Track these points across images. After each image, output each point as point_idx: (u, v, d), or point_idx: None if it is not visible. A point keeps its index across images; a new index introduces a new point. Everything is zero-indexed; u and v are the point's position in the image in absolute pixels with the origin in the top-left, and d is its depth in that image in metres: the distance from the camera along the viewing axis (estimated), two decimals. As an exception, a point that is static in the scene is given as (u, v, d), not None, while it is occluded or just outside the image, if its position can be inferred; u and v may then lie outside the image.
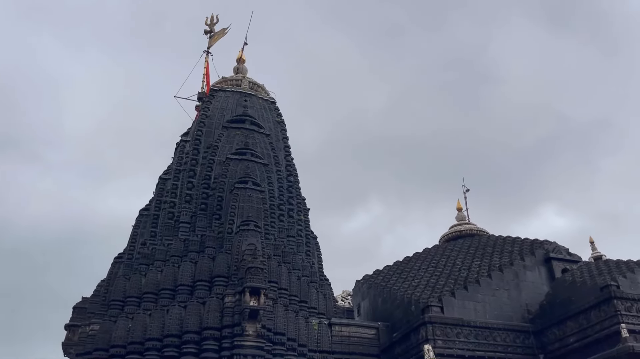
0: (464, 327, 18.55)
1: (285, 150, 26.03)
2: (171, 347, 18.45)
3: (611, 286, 17.15)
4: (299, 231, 23.57)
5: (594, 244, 22.76)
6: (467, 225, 28.78)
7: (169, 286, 20.22)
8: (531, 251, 22.41)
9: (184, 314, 18.95)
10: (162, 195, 23.63)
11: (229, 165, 23.22)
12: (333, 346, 20.25)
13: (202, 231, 21.75)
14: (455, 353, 17.89)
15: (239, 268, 19.46)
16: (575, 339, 17.63)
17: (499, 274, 20.97)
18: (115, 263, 22.90)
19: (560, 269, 21.83)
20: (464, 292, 19.98)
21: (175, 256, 21.11)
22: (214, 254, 20.65)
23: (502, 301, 20.33)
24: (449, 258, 24.11)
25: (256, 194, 22.13)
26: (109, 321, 19.78)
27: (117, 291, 20.84)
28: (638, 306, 16.89)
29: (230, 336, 17.97)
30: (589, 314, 17.47)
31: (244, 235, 20.54)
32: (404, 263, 25.77)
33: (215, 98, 26.68)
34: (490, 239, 25.91)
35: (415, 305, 20.09)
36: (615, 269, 19.15)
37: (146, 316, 19.48)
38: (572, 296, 18.77)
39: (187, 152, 24.62)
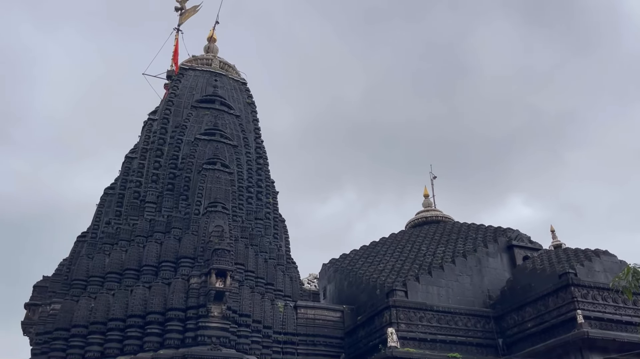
0: (427, 311, 18.92)
1: (256, 132, 25.83)
2: (135, 328, 18.30)
3: (569, 273, 17.70)
4: (267, 214, 23.53)
5: (554, 233, 23.37)
6: (433, 211, 29.20)
7: (133, 267, 19.99)
8: (494, 239, 22.92)
9: (148, 295, 18.78)
10: (128, 174, 23.22)
11: (197, 146, 22.93)
12: (298, 328, 20.41)
13: (169, 211, 21.51)
14: (417, 336, 18.25)
15: (205, 249, 19.35)
16: (533, 325, 18.18)
17: (463, 260, 21.41)
18: (79, 242, 22.48)
19: (521, 256, 22.41)
20: (428, 277, 20.34)
21: (140, 236, 20.84)
22: (180, 235, 20.47)
23: (465, 287, 20.79)
24: (415, 244, 24.47)
25: (224, 176, 21.95)
26: (71, 301, 19.47)
27: (80, 270, 20.50)
28: (594, 294, 17.49)
29: (195, 318, 17.92)
30: (547, 301, 18.02)
31: (211, 216, 20.40)
32: (370, 248, 26.04)
33: (184, 77, 26.23)
34: (455, 226, 26.37)
35: (380, 289, 20.36)
36: (573, 257, 19.75)
37: (109, 296, 19.24)
38: (532, 282, 19.30)
39: (155, 131, 24.20)
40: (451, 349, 18.26)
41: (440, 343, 18.39)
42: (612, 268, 19.04)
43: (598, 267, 19.10)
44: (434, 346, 18.22)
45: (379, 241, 26.62)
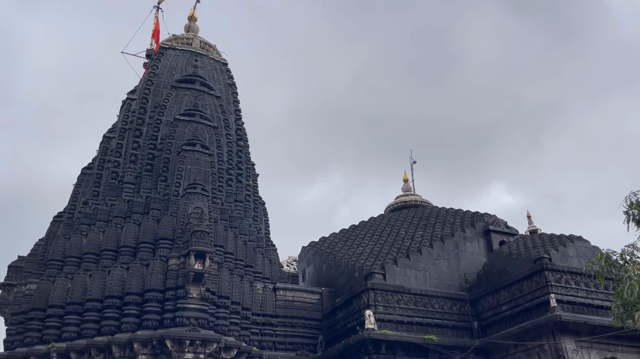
0: (404, 294, 19.15)
1: (236, 113, 25.63)
2: (112, 308, 18.21)
3: (544, 258, 18.03)
4: (247, 196, 23.47)
5: (530, 218, 23.75)
6: (412, 196, 29.42)
7: (111, 247, 19.82)
8: (472, 223, 23.21)
9: (126, 276, 18.68)
10: (106, 154, 22.92)
11: (177, 126, 22.68)
12: (277, 310, 20.53)
13: (147, 192, 21.31)
14: (394, 318, 18.49)
15: (184, 231, 19.26)
16: (508, 308, 18.53)
17: (440, 244, 21.66)
18: (55, 222, 22.19)
19: (498, 241, 22.76)
20: (406, 260, 20.56)
21: (118, 217, 20.64)
22: (159, 216, 20.33)
23: (442, 270, 21.07)
24: (394, 228, 24.66)
25: (204, 157, 21.79)
26: (47, 281, 19.28)
27: (57, 250, 20.27)
28: (567, 278, 17.86)
29: (174, 299, 17.89)
30: (521, 285, 18.36)
31: (190, 198, 20.28)
32: (349, 231, 26.18)
33: (164, 56, 25.83)
34: (433, 210, 26.62)
35: (359, 272, 20.53)
36: (548, 242, 20.12)
37: (86, 277, 19.09)
38: (508, 267, 19.64)
39: (134, 110, 23.86)
40: (427, 331, 18.55)
41: (417, 325, 18.65)
42: (586, 254, 19.46)
43: (572, 252, 19.50)
44: (410, 329, 18.48)
45: (359, 224, 26.77)
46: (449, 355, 18.23)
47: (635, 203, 7.63)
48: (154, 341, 16.95)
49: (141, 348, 17.04)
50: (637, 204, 7.62)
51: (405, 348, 17.88)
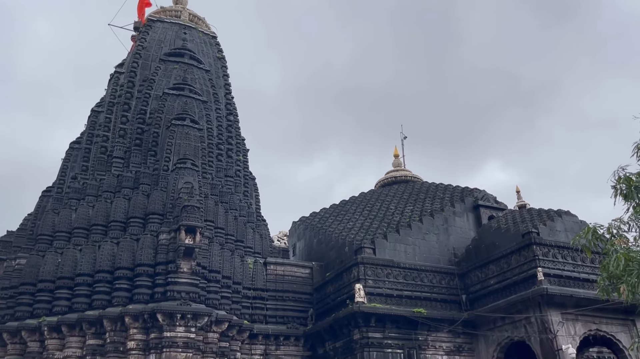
0: (393, 268, 19.33)
1: (226, 87, 25.37)
2: (103, 283, 18.24)
3: (532, 233, 18.21)
4: (238, 171, 23.39)
5: (519, 193, 23.88)
6: (402, 171, 29.50)
7: (101, 222, 19.76)
8: (461, 199, 23.35)
9: (117, 251, 18.67)
10: (94, 129, 22.67)
11: (165, 100, 22.45)
12: (268, 284, 20.68)
13: (137, 167, 21.18)
14: (384, 292, 18.69)
15: (174, 206, 19.22)
16: (496, 281, 18.78)
17: (430, 219, 21.80)
18: (44, 196, 22.05)
19: (487, 216, 22.94)
20: (396, 235, 20.70)
21: (107, 191, 20.54)
22: (149, 191, 20.24)
23: (431, 245, 21.25)
24: (384, 203, 24.76)
25: (194, 131, 21.62)
26: (37, 256, 19.23)
27: (46, 225, 20.18)
28: (554, 252, 18.09)
29: (164, 273, 17.93)
30: (509, 259, 18.58)
31: (180, 173, 20.19)
32: (340, 206, 26.26)
33: (152, 29, 25.41)
34: (423, 185, 26.73)
35: (349, 246, 20.67)
36: (537, 217, 20.31)
37: (76, 252, 19.06)
38: (496, 241, 19.84)
39: (122, 84, 23.55)
40: (416, 304, 18.78)
41: (406, 299, 18.88)
42: (573, 228, 19.68)
43: (560, 227, 19.71)
44: (399, 302, 18.70)
45: (349, 200, 26.85)
46: (438, 328, 18.52)
47: (623, 177, 7.68)
48: (145, 315, 17.04)
49: (132, 322, 17.13)
50: (625, 179, 7.68)
51: (395, 321, 18.12)
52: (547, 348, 16.46)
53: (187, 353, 16.74)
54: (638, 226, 7.89)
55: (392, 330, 18.08)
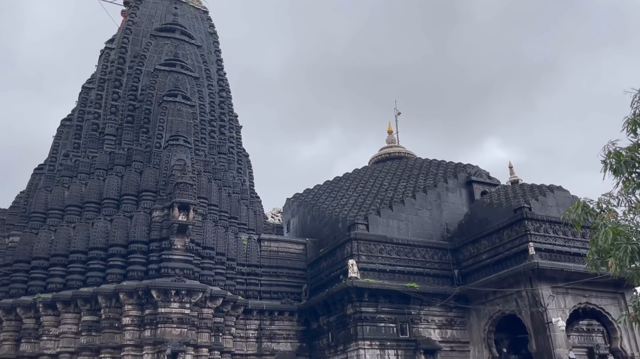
0: (386, 244, 19.45)
1: (218, 63, 25.13)
2: (97, 260, 18.29)
3: (524, 208, 18.32)
4: (231, 148, 23.32)
5: (512, 169, 23.94)
6: (396, 147, 29.47)
7: (94, 200, 19.74)
8: (454, 174, 23.40)
9: (110, 228, 18.69)
10: (85, 105, 22.48)
11: (157, 77, 22.23)
12: (262, 260, 20.80)
13: (129, 144, 21.07)
14: (377, 267, 18.84)
15: (167, 183, 19.20)
16: (487, 256, 18.95)
17: (423, 195, 21.88)
18: (36, 174, 21.95)
19: (480, 191, 23.03)
20: (389, 211, 20.78)
21: (100, 169, 20.47)
22: (142, 168, 20.18)
23: (424, 221, 21.37)
24: (377, 179, 24.80)
25: (186, 108, 21.48)
26: (30, 233, 19.24)
27: (38, 203, 20.14)
28: (545, 227, 18.22)
29: (158, 250, 17.99)
30: (501, 234, 18.72)
31: (172, 150, 20.11)
32: (333, 183, 26.29)
33: (142, 3, 25.01)
34: (417, 161, 26.75)
35: (342, 223, 20.75)
36: (529, 192, 20.41)
37: (70, 229, 19.07)
38: (489, 216, 19.95)
39: (113, 60, 23.28)
40: (409, 279, 18.95)
41: (399, 274, 19.04)
42: (565, 203, 19.79)
43: (551, 202, 19.83)
44: (392, 277, 18.87)
45: (343, 176, 26.86)
46: (430, 302, 18.73)
47: (613, 152, 7.68)
48: (139, 292, 17.14)
49: (127, 298, 17.24)
50: (614, 153, 7.68)
51: (388, 296, 18.30)
52: (537, 321, 16.70)
53: (182, 329, 16.91)
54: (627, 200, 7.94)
55: (385, 305, 18.28)
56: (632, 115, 7.60)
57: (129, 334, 17.04)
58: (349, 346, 17.91)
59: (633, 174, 7.74)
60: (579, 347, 21.69)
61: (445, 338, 18.78)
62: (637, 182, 7.65)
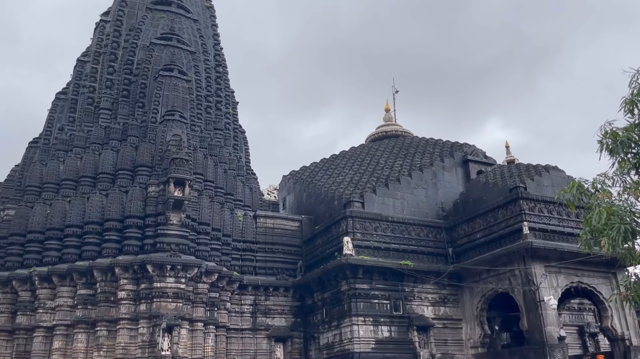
0: (382, 221, 19.53)
1: (215, 38, 24.85)
2: (92, 234, 18.32)
3: (519, 187, 18.36)
4: (227, 124, 23.21)
5: (509, 148, 23.88)
6: (393, 125, 29.36)
7: (89, 174, 19.69)
8: (451, 153, 23.39)
9: (106, 203, 18.68)
10: (80, 79, 22.27)
11: (153, 51, 21.98)
12: (257, 236, 20.87)
13: (124, 119, 20.94)
14: (372, 245, 18.94)
15: (163, 158, 19.13)
16: (482, 235, 19.05)
17: (419, 173, 21.89)
18: (30, 147, 21.84)
19: (476, 171, 23.05)
20: (385, 189, 20.81)
21: (95, 143, 20.37)
22: (137, 143, 20.09)
23: (420, 199, 21.41)
24: (374, 157, 24.77)
25: (182, 83, 21.31)
26: (25, 207, 19.22)
27: (34, 176, 20.08)
28: (540, 207, 18.31)
29: (154, 225, 18.02)
30: (496, 213, 18.80)
31: (168, 125, 20.00)
32: (330, 161, 26.25)
33: (138, -25, 24.57)
34: (414, 140, 26.69)
35: (338, 200, 20.79)
36: (524, 172, 20.44)
37: (65, 203, 19.05)
38: (484, 195, 20.01)
39: (108, 33, 22.98)
40: (403, 257, 19.08)
41: (393, 251, 19.16)
42: (560, 183, 19.81)
43: (547, 182, 19.86)
44: (387, 254, 18.99)
45: (339, 154, 26.82)
46: (424, 280, 18.89)
47: (610, 132, 7.66)
48: (135, 266, 17.22)
49: (122, 273, 17.32)
50: (611, 133, 7.66)
51: (382, 273, 18.44)
52: (529, 299, 16.88)
53: (177, 303, 17.03)
54: (622, 181, 7.94)
55: (379, 282, 18.43)
56: (630, 95, 7.55)
57: (125, 308, 17.16)
58: (343, 321, 18.10)
59: (629, 154, 7.73)
60: (569, 325, 21.99)
61: (438, 315, 18.99)
62: (632, 163, 7.64)
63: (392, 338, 18.00)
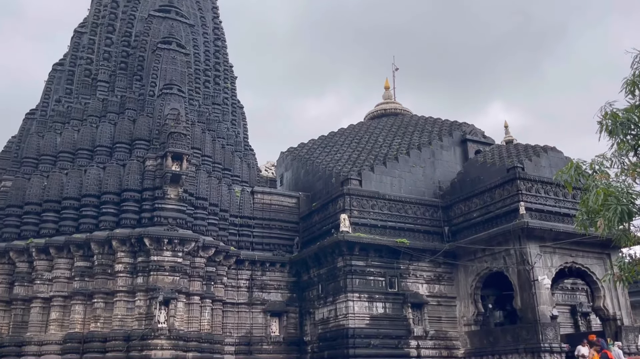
0: (379, 199, 19.57)
1: (213, 11, 24.54)
2: (89, 207, 18.33)
3: (516, 167, 18.38)
4: (225, 99, 23.06)
5: (507, 128, 23.85)
6: (392, 103, 29.21)
7: (86, 147, 19.61)
8: (449, 132, 23.34)
9: (103, 175, 18.65)
10: (77, 50, 22.03)
11: (151, 23, 21.71)
12: (255, 212, 20.91)
13: (122, 91, 20.78)
14: (369, 222, 19.01)
15: (160, 132, 19.05)
16: (478, 215, 19.13)
17: (417, 152, 21.87)
18: (27, 119, 21.71)
19: (474, 150, 23.03)
20: (382, 167, 20.81)
21: (93, 116, 20.25)
22: (135, 116, 19.98)
23: (417, 178, 21.43)
24: (372, 135, 24.71)
25: (180, 56, 21.10)
26: (23, 179, 19.19)
27: (31, 148, 20.01)
28: (537, 187, 18.35)
29: (151, 199, 18.03)
30: (493, 193, 18.84)
31: (166, 98, 19.86)
32: (328, 138, 26.18)
33: (136, -55, 24.13)
34: (412, 118, 26.61)
35: (336, 178, 20.80)
36: (523, 152, 20.44)
37: (62, 175, 19.01)
38: (481, 175, 20.03)
39: (105, 4, 22.66)
40: (400, 235, 19.18)
41: (390, 229, 19.25)
42: (558, 164, 19.84)
43: (545, 162, 19.89)
44: (383, 232, 19.08)
45: (337, 131, 26.74)
46: (419, 257, 19.02)
47: (610, 113, 7.63)
48: (132, 239, 17.27)
49: (120, 246, 17.38)
50: (611, 114, 7.63)
51: (378, 250, 18.55)
52: (523, 278, 17.04)
53: (174, 277, 17.14)
54: (620, 162, 7.94)
55: (375, 259, 18.54)
56: (632, 76, 7.50)
57: (122, 280, 17.26)
58: (338, 297, 18.26)
59: (628, 136, 7.71)
60: (562, 305, 22.22)
61: (433, 292, 19.16)
62: (631, 144, 7.63)
63: (386, 314, 18.19)
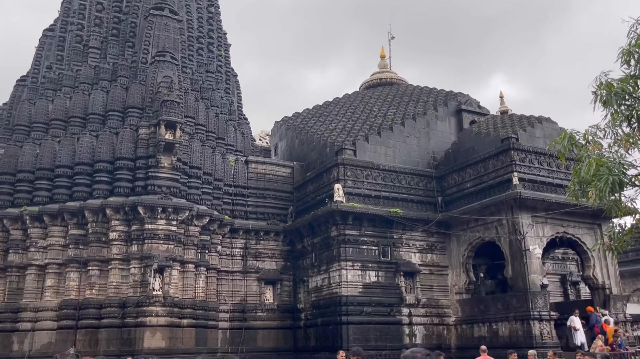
0: (373, 169, 19.59)
1: (207, -23, 24.04)
2: (83, 175, 18.28)
3: (510, 138, 18.38)
4: (219, 67, 22.80)
5: (503, 99, 23.73)
6: (387, 73, 28.99)
7: (79, 114, 19.44)
8: (444, 102, 23.24)
9: (96, 144, 18.55)
10: (68, 16, 21.61)
11: (143, -12, 21.28)
12: (249, 181, 20.92)
13: (114, 58, 20.50)
14: (362, 192, 19.07)
15: (154, 100, 18.88)
16: (472, 185, 19.21)
17: (412, 122, 21.80)
18: (18, 86, 21.44)
19: (469, 120, 22.97)
20: (377, 137, 20.76)
21: (85, 83, 20.02)
22: (127, 84, 19.76)
23: (412, 148, 21.42)
24: (367, 105, 24.58)
25: (173, 23, 20.75)
26: (15, 146, 19.06)
27: (22, 115, 19.81)
28: (531, 158, 18.40)
29: (145, 168, 17.98)
30: (487, 163, 18.89)
31: (159, 66, 19.61)
32: (323, 107, 26.03)
33: None
34: (408, 88, 26.44)
35: (330, 147, 20.76)
36: (517, 123, 20.41)
37: (55, 143, 18.90)
38: (476, 145, 20.04)
39: (96, -32, 22.14)
40: (393, 205, 19.26)
41: (383, 199, 19.33)
42: (553, 135, 19.81)
43: (539, 133, 19.88)
44: (377, 202, 19.15)
45: (332, 101, 26.57)
46: (412, 227, 19.15)
47: (605, 83, 7.59)
48: (126, 208, 17.29)
49: (114, 214, 17.40)
50: (606, 84, 7.59)
51: (371, 220, 18.66)
52: (515, 248, 17.22)
53: (168, 245, 17.22)
54: (613, 133, 7.93)
55: (369, 228, 18.67)
56: (628, 46, 7.44)
57: (116, 248, 17.34)
58: (332, 266, 18.44)
59: (622, 106, 7.69)
60: (552, 274, 22.56)
61: (425, 261, 19.37)
62: (625, 115, 7.61)
63: (379, 283, 18.41)
